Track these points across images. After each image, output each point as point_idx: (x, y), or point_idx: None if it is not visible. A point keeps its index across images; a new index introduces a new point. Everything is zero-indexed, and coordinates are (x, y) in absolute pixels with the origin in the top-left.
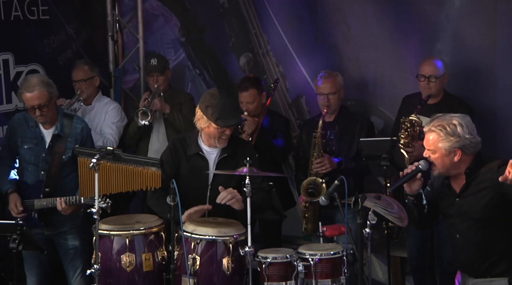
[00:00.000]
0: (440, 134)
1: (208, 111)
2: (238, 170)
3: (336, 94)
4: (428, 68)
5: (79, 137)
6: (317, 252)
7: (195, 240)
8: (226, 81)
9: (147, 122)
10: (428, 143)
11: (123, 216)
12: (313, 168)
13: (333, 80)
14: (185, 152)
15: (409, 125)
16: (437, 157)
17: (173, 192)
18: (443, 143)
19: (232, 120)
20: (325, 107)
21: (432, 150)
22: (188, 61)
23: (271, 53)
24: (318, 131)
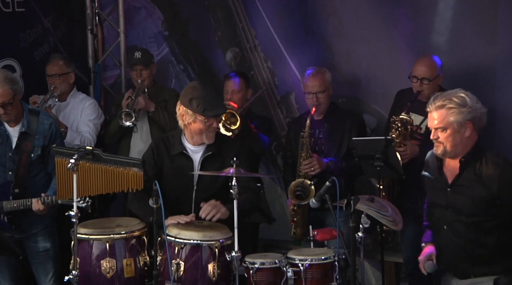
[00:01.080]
0: (449, 107)
1: (193, 103)
2: (225, 171)
3: (325, 92)
4: (421, 69)
5: (47, 134)
6: (308, 257)
7: (179, 244)
8: (211, 77)
9: (131, 123)
10: (436, 122)
11: (103, 219)
12: (302, 169)
13: (321, 77)
14: (168, 152)
15: (399, 124)
16: (448, 135)
17: (156, 194)
18: (455, 116)
19: (219, 109)
20: (313, 106)
21: (442, 127)
22: (172, 56)
23: (259, 47)
24: (306, 130)
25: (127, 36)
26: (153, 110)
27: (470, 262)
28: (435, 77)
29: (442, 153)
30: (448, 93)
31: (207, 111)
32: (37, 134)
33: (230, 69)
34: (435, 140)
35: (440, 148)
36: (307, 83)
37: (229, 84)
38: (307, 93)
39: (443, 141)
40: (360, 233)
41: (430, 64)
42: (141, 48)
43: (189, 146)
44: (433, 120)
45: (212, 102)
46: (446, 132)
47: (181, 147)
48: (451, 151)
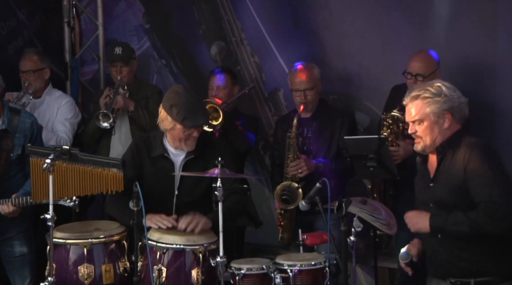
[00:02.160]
0: (425, 97)
1: (173, 110)
2: (209, 172)
3: (314, 89)
4: (416, 65)
5: (28, 133)
6: (297, 263)
7: (161, 249)
8: (195, 73)
9: (109, 124)
10: (412, 115)
11: (80, 223)
12: (289, 171)
13: (309, 73)
14: (149, 154)
15: (391, 122)
16: (426, 127)
17: (136, 196)
18: (431, 107)
19: (200, 119)
20: (301, 104)
21: (419, 120)
22: (153, 50)
23: (246, 41)
24: (293, 131)
25: (106, 29)
26: (133, 109)
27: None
28: (431, 73)
29: (422, 148)
30: (423, 84)
31: (186, 121)
32: (18, 133)
33: (215, 64)
34: (414, 135)
35: (420, 144)
36: (294, 79)
37: (214, 80)
38: (294, 90)
39: (421, 134)
40: (352, 237)
41: (425, 60)
42: (121, 43)
43: (170, 149)
44: (410, 113)
45: (193, 111)
46: (423, 124)
47: (162, 149)
48: (431, 145)
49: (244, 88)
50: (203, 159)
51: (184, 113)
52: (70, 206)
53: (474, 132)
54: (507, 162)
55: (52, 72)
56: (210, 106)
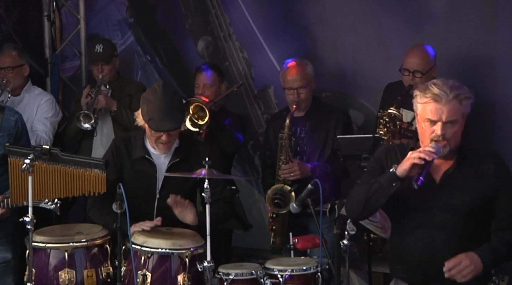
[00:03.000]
0: (465, 97)
1: (144, 108)
2: (196, 173)
3: (307, 87)
4: (413, 61)
5: (13, 131)
6: (287, 268)
7: (146, 253)
8: (181, 69)
9: (90, 126)
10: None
11: (61, 226)
12: (281, 174)
13: (302, 71)
14: (129, 155)
15: (387, 120)
16: (457, 130)
17: (120, 198)
18: (466, 108)
19: (166, 124)
20: (294, 103)
21: (455, 120)
22: (138, 45)
23: (234, 36)
24: (285, 132)
25: (88, 24)
26: (115, 109)
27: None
28: (429, 69)
29: (447, 152)
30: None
31: (151, 122)
32: (1, 132)
33: (202, 59)
34: (441, 137)
35: (446, 146)
36: (287, 77)
37: (201, 77)
38: (287, 88)
39: (451, 136)
40: (345, 240)
41: (422, 55)
42: (103, 40)
43: (152, 150)
44: (446, 113)
45: (162, 114)
46: (455, 125)
47: (143, 151)
48: (452, 148)
49: (232, 86)
50: (188, 162)
51: (152, 114)
52: (51, 208)
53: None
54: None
55: (31, 68)
56: (196, 104)
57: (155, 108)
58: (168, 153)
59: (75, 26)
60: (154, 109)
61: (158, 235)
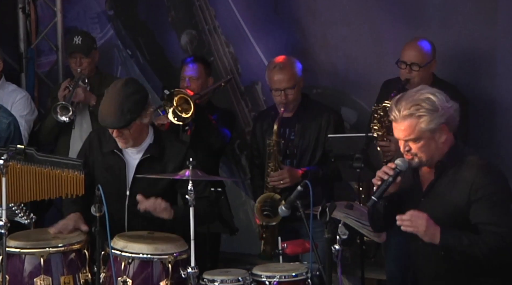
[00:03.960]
0: (419, 115)
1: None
2: (179, 174)
3: (295, 87)
4: (411, 53)
5: (4, 135)
6: (276, 274)
7: (126, 259)
8: (164, 64)
9: (67, 118)
10: (405, 133)
11: (36, 230)
12: (270, 182)
13: (290, 70)
14: (101, 148)
15: (382, 114)
16: (422, 144)
17: (99, 200)
18: (427, 124)
19: (108, 119)
20: (282, 105)
21: (414, 138)
22: (118, 39)
23: (220, 30)
24: (273, 139)
25: (65, 16)
26: (94, 103)
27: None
28: (427, 63)
29: (418, 164)
30: (411, 97)
31: (98, 114)
32: None
33: (186, 54)
34: (407, 152)
35: (414, 160)
36: (273, 77)
37: (186, 70)
38: (274, 89)
39: (417, 152)
40: (337, 245)
41: (421, 48)
42: (81, 32)
43: None
44: (401, 132)
45: (108, 108)
46: (419, 142)
47: (114, 145)
48: (428, 160)
49: (219, 80)
50: (161, 159)
51: (102, 104)
52: (25, 223)
53: (472, 129)
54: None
55: (5, 63)
56: (181, 96)
57: (105, 100)
58: (140, 149)
59: (52, 19)
60: (105, 101)
61: (139, 239)
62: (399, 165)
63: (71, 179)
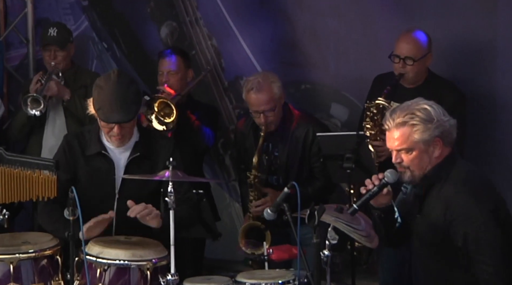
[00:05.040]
0: (413, 124)
1: (95, 95)
2: (159, 175)
3: (275, 109)
4: (404, 46)
5: None
6: (261, 281)
7: (102, 265)
8: (142, 58)
9: (38, 112)
10: (397, 143)
11: (6, 235)
12: (253, 212)
13: (267, 92)
14: (83, 151)
15: (375, 112)
16: (415, 156)
17: (72, 203)
18: (420, 134)
19: (115, 115)
20: (262, 126)
21: (407, 149)
22: (93, 32)
23: (202, 21)
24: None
25: (36, 7)
26: (68, 98)
27: None
28: (422, 56)
29: (410, 179)
30: (407, 106)
31: (100, 112)
32: None
33: (166, 47)
34: (398, 165)
35: (406, 173)
36: (250, 100)
37: (164, 63)
38: (253, 111)
39: (409, 164)
40: (326, 251)
41: (416, 41)
42: (56, 23)
43: (109, 145)
44: (394, 141)
45: (112, 104)
46: (411, 153)
47: (99, 146)
48: (419, 175)
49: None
50: (149, 158)
51: (102, 102)
52: None
53: (472, 126)
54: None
55: None
56: (161, 101)
57: (105, 96)
58: (126, 147)
59: (22, 9)
60: (105, 97)
61: (115, 245)
62: (387, 176)
63: (42, 180)
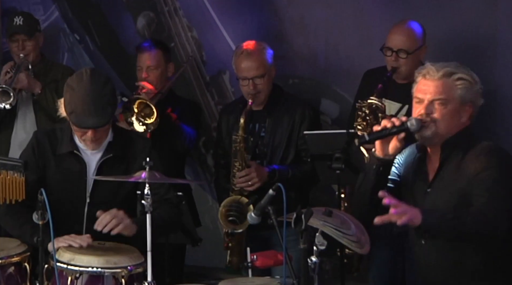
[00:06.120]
0: (460, 77)
1: (66, 97)
2: (135, 176)
3: (265, 76)
4: (397, 38)
5: None
6: None
7: (73, 273)
8: (117, 51)
9: (8, 105)
10: (437, 90)
11: None
12: (236, 183)
13: (259, 57)
14: (53, 151)
15: (368, 112)
16: (448, 111)
17: (42, 206)
18: (463, 91)
19: (90, 120)
20: (250, 96)
21: (445, 100)
22: (64, 23)
23: (181, 12)
24: (240, 134)
25: None
26: (39, 92)
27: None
28: (416, 49)
29: (432, 134)
30: (454, 64)
31: (73, 116)
32: None
33: (143, 39)
34: (424, 115)
35: (431, 128)
36: (240, 65)
37: (143, 57)
38: (241, 78)
39: (439, 117)
40: (313, 257)
41: (409, 32)
42: (22, 12)
43: (81, 145)
44: (432, 88)
45: (86, 107)
46: (446, 107)
47: (71, 146)
48: (443, 135)
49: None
50: (124, 159)
51: (74, 105)
52: None
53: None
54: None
55: None
56: (140, 102)
57: (78, 99)
58: (100, 147)
59: None
60: (77, 100)
61: (88, 251)
62: (411, 122)
63: (9, 182)
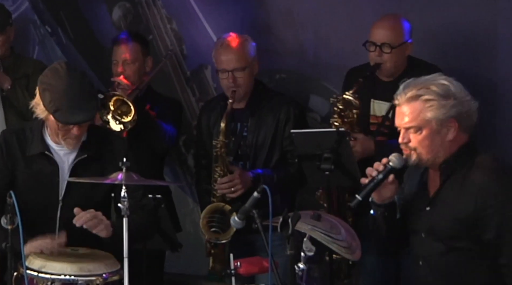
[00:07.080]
0: (426, 99)
1: (46, 96)
2: (110, 177)
3: (246, 69)
4: (381, 32)
5: None
6: None
7: (45, 281)
8: (92, 44)
9: None
10: (406, 119)
11: None
12: (218, 189)
13: (240, 48)
14: (23, 151)
15: (342, 107)
16: (424, 137)
17: (11, 209)
18: (434, 112)
19: (78, 115)
20: (230, 90)
21: (416, 127)
22: (34, 14)
23: (160, 2)
24: (220, 139)
25: None
26: (9, 87)
27: None
28: (401, 43)
29: (416, 161)
30: (424, 80)
31: (59, 114)
32: None
33: (119, 31)
34: (405, 145)
35: (412, 156)
36: (220, 56)
37: (119, 50)
38: (221, 71)
39: (416, 146)
40: (301, 264)
41: (393, 26)
42: None
43: (53, 145)
44: (403, 117)
45: (72, 103)
46: (420, 133)
47: (42, 146)
48: (429, 159)
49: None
50: (99, 160)
51: (59, 103)
52: None
53: None
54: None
55: None
56: (116, 98)
57: (61, 95)
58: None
59: None
60: (60, 97)
61: (61, 257)
62: (393, 161)
63: None
